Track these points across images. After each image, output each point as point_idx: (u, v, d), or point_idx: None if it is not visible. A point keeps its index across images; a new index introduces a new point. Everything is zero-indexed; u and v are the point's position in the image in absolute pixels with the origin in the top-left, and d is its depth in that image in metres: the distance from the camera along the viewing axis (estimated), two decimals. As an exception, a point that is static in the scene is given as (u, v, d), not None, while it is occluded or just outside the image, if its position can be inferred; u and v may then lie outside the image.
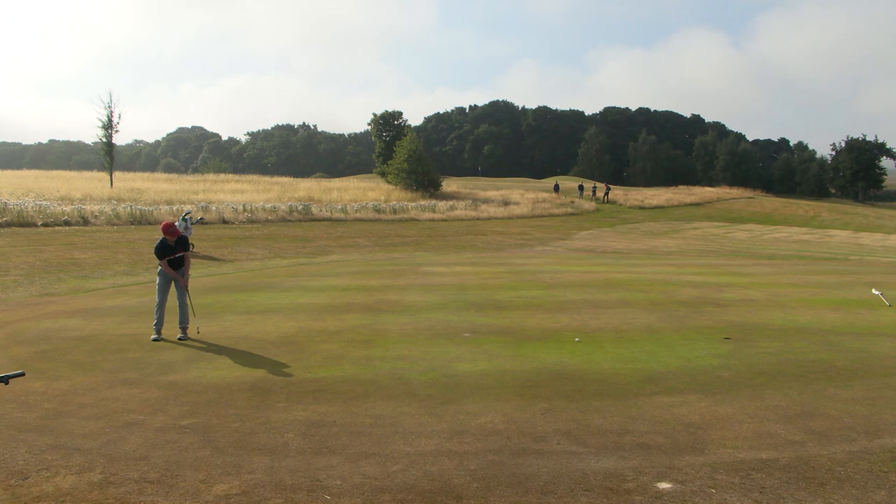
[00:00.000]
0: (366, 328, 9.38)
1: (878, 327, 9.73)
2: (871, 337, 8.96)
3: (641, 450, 4.85)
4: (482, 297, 12.30)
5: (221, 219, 29.97)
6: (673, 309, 11.17)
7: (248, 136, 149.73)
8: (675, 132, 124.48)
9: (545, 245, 28.38)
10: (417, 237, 29.67)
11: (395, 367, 7.19)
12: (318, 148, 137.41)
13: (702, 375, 6.88)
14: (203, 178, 56.53)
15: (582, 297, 12.49)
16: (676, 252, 25.95)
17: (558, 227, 37.35)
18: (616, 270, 17.62)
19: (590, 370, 7.10)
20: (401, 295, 12.63)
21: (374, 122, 60.20)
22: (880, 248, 33.23)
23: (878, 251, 30.54)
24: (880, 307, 11.62)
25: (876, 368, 7.23)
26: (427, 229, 33.22)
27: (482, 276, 16.07)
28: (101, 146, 41.56)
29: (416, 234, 31.04)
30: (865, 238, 39.75)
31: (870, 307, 11.60)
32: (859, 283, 15.34)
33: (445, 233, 32.17)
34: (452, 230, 33.34)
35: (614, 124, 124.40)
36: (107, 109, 40.37)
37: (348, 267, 18.45)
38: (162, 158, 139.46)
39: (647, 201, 53.88)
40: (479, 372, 7.01)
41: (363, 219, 35.36)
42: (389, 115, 59.84)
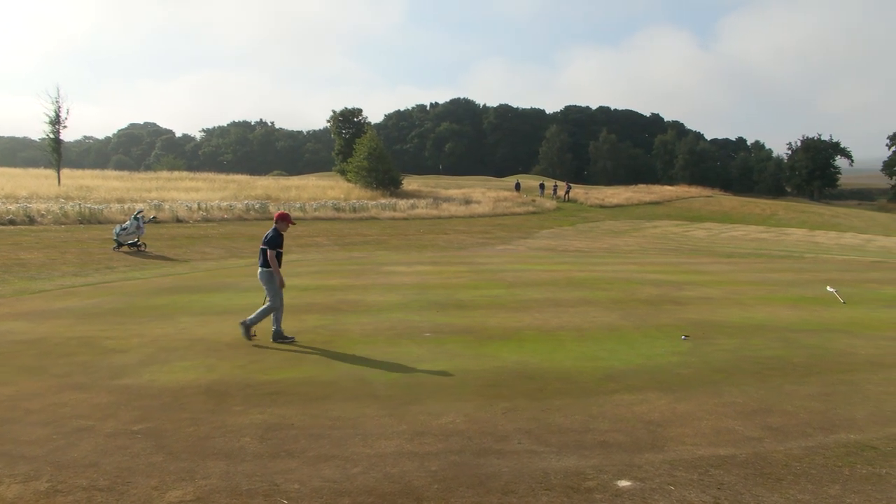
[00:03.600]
0: (325, 329, 9.29)
1: (833, 324, 10.08)
2: (826, 333, 9.27)
3: (602, 448, 4.92)
4: (444, 297, 12.31)
5: (175, 217, 29.33)
6: (634, 307, 11.37)
7: (204, 132, 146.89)
8: (635, 131, 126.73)
9: (507, 244, 28.57)
10: (378, 236, 29.53)
11: (355, 368, 7.14)
12: (276, 145, 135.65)
13: (662, 373, 7.02)
14: (156, 175, 55.18)
15: (544, 295, 12.61)
16: (637, 250, 26.42)
17: (520, 226, 37.64)
18: (577, 269, 17.86)
19: (551, 369, 7.17)
20: (361, 295, 12.56)
21: (333, 120, 59.67)
22: (835, 245, 34.42)
23: (833, 249, 31.63)
24: (835, 304, 12.04)
25: (831, 364, 7.47)
26: (388, 228, 33.08)
27: (444, 275, 16.08)
28: (48, 142, 40.08)
29: (377, 233, 30.89)
30: (821, 236, 41.14)
31: (825, 304, 12.01)
32: (815, 280, 15.86)
33: (406, 232, 32.09)
34: (414, 229, 33.27)
35: (575, 123, 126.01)
36: (54, 104, 39.01)
37: (307, 266, 18.26)
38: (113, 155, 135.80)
39: (608, 200, 54.70)
40: (441, 372, 7.02)
41: (322, 217, 35.01)
42: (349, 113, 59.40)
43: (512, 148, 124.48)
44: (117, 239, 20.32)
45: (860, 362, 7.60)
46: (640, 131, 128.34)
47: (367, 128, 56.52)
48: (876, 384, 6.66)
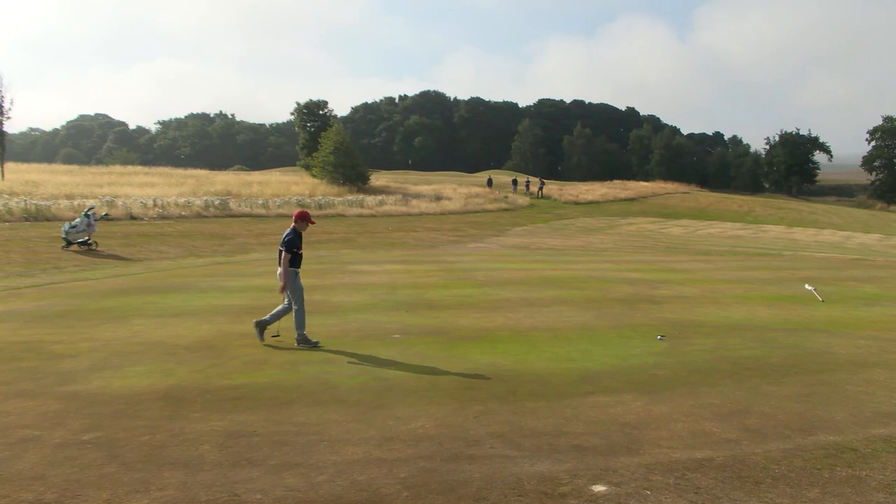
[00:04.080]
0: (290, 331, 9.18)
1: (812, 323, 10.32)
2: (804, 333, 9.49)
3: (576, 452, 4.97)
4: (413, 297, 12.30)
5: (129, 215, 28.80)
6: (608, 306, 11.50)
7: (160, 125, 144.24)
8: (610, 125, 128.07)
9: (479, 242, 28.66)
10: (345, 234, 29.38)
11: (321, 372, 7.09)
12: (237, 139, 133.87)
13: (637, 374, 7.12)
14: (108, 170, 54.11)
15: (517, 295, 12.68)
16: (612, 248, 26.72)
17: (492, 223, 37.77)
18: (551, 268, 17.99)
19: (524, 370, 7.21)
20: (327, 295, 12.49)
21: (297, 112, 59.18)
22: (814, 243, 35.24)
23: (811, 246, 32.38)
24: (813, 302, 12.33)
25: (809, 364, 7.64)
26: (355, 225, 32.92)
27: (413, 274, 16.07)
28: (-10, 135, 39.07)
29: (344, 230, 30.73)
30: (799, 233, 42.09)
31: (803, 303, 12.29)
32: (793, 278, 16.22)
33: (374, 229, 31.98)
34: (382, 226, 33.18)
35: (549, 117, 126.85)
36: (-4, 94, 38.01)
37: (270, 266, 18.06)
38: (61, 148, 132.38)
39: (583, 196, 55.22)
40: (410, 375, 7.01)
41: (286, 214, 34.55)
42: (314, 105, 58.96)
43: (484, 143, 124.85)
44: (66, 237, 19.86)
45: (839, 362, 7.78)
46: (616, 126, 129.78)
47: (333, 121, 56.20)
48: (855, 384, 6.82)
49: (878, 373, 7.33)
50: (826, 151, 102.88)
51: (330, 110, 60.12)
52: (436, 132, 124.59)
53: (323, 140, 48.92)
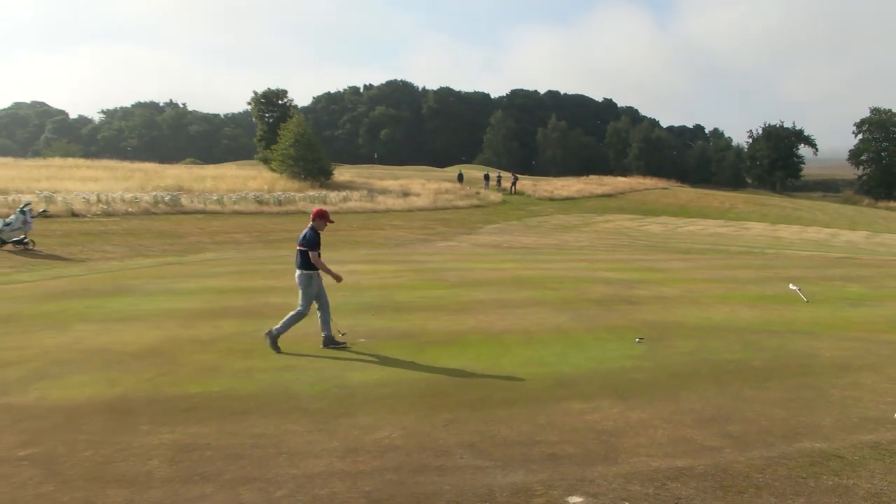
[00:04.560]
0: (246, 336, 9.12)
1: (796, 324, 10.51)
2: (788, 335, 9.65)
3: (551, 461, 4.99)
4: (379, 298, 12.27)
5: (70, 211, 28.22)
6: (584, 308, 11.60)
7: (103, 114, 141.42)
8: (587, 117, 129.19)
9: (449, 240, 28.69)
10: (306, 232, 29.12)
11: (279, 379, 7.03)
12: (189, 130, 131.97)
13: (614, 378, 7.18)
14: (46, 162, 52.94)
15: (489, 296, 12.71)
16: (588, 247, 26.97)
17: (463, 221, 37.84)
18: (525, 267, 18.09)
19: (497, 376, 7.24)
20: (287, 297, 12.33)
21: (254, 102, 58.52)
22: (798, 240, 36.01)
23: (795, 244, 33.07)
24: (798, 303, 12.57)
25: (793, 368, 7.76)
26: (317, 223, 32.61)
27: (379, 274, 16.02)
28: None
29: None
30: (783, 230, 42.95)
31: (787, 303, 12.51)
32: (776, 277, 16.52)
33: (338, 227, 31.71)
34: (346, 224, 33.00)
35: (522, 108, 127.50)
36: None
37: (225, 266, 17.87)
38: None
39: (558, 192, 55.66)
40: (376, 381, 6.99)
41: (243, 211, 34.40)
42: (272, 94, 58.38)
43: (454, 135, 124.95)
44: (0, 236, 19.39)
45: (825, 365, 7.91)
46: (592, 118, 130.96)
47: (293, 111, 55.64)
48: (842, 389, 6.93)
49: (866, 376, 7.46)
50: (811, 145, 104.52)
51: (290, 100, 59.56)
52: (403, 124, 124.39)
53: (282, 132, 48.45)
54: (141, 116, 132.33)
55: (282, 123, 50.84)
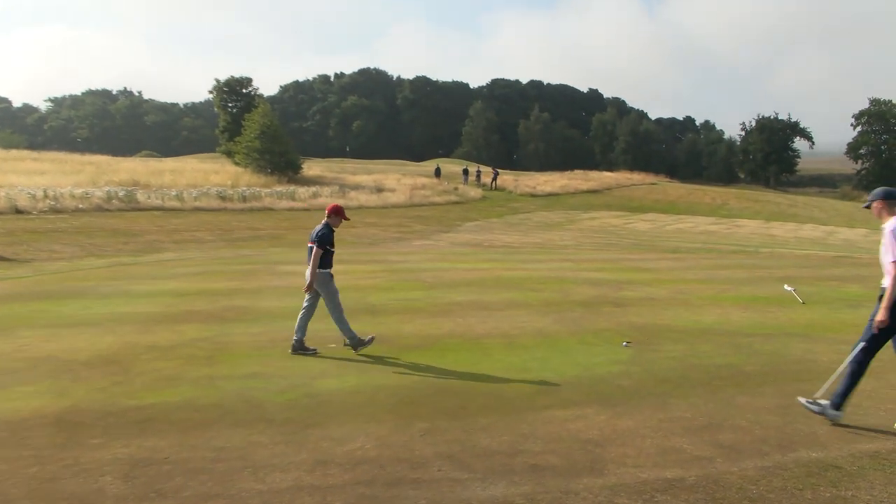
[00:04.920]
0: (208, 341, 9.04)
1: (791, 327, 10.63)
2: (782, 338, 9.77)
3: (534, 473, 5.01)
4: (352, 301, 12.20)
5: (14, 207, 27.79)
6: (569, 310, 11.65)
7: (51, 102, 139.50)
8: (571, 109, 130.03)
9: (425, 239, 28.68)
10: (273, 230, 29.00)
11: (244, 388, 6.98)
12: (146, 120, 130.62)
13: (600, 384, 7.23)
14: (-11, 155, 52.06)
15: (468, 298, 12.72)
16: (572, 246, 27.10)
17: (440, 218, 37.84)
18: (506, 267, 18.13)
19: (476, 382, 7.25)
20: (253, 300, 12.31)
21: (217, 91, 58.16)
22: (793, 239, 36.44)
23: (790, 242, 33.47)
24: (793, 304, 12.72)
25: (788, 373, 7.86)
26: (285, 220, 32.54)
27: (352, 275, 15.96)
28: None
29: (272, 226, 30.33)
30: (777, 228, 43.44)
31: (781, 305, 12.65)
32: (770, 278, 16.72)
33: (307, 224, 31.55)
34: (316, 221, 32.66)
35: (503, 99, 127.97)
36: None
37: (186, 267, 17.70)
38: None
39: (540, 188, 55.86)
40: (348, 389, 6.97)
41: (205, 208, 34.12)
42: (236, 83, 58.05)
43: (431, 127, 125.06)
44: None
45: (821, 370, 7.91)
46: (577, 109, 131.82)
47: (258, 101, 55.27)
48: (839, 395, 7.02)
49: (864, 382, 7.49)
50: (807, 138, 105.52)
51: (255, 89, 59.30)
52: (377, 115, 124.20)
53: (247, 123, 48.17)
54: (92, 105, 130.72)
55: (246, 114, 50.56)
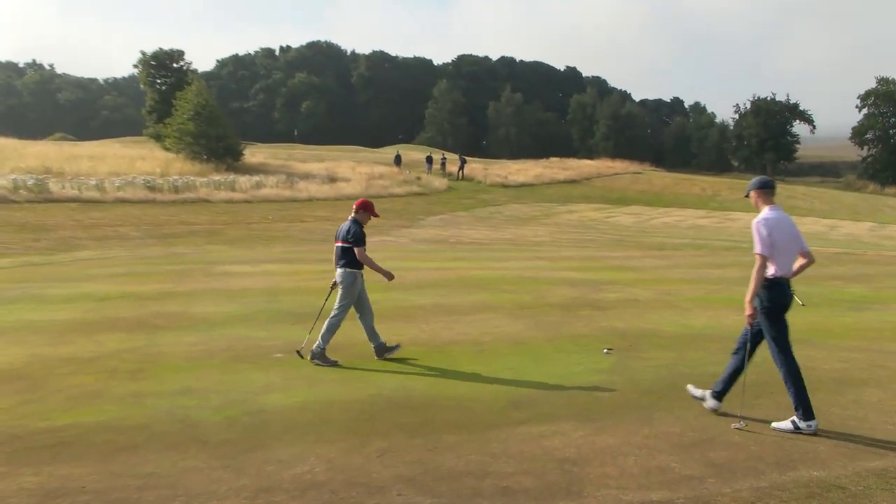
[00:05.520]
0: (134, 353, 8.92)
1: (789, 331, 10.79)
2: (779, 343, 9.92)
3: (505, 496, 5.02)
4: (301, 305, 12.16)
5: None
6: (544, 313, 11.73)
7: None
8: (547, 89, 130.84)
9: (384, 234, 28.62)
10: (210, 225, 28.72)
11: (176, 406, 6.89)
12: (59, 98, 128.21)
13: (579, 397, 7.27)
14: None
15: (431, 300, 12.74)
16: (548, 242, 27.28)
17: (401, 211, 37.81)
18: (474, 266, 18.18)
19: (441, 395, 7.25)
20: (186, 305, 12.19)
21: (143, 65, 57.32)
22: (789, 234, 36.99)
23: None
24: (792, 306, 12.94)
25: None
26: (224, 214, 32.29)
27: (301, 276, 15.90)
28: None
29: (209, 220, 30.06)
30: (772, 222, 44.07)
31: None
32: (764, 277, 16.98)
33: (250, 218, 31.42)
34: (259, 215, 32.63)
35: (471, 78, 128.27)
36: None
37: (108, 268, 17.45)
38: None
39: (513, 178, 56.15)
40: (296, 405, 6.92)
41: (130, 199, 33.78)
42: (166, 56, 57.30)
43: (390, 109, 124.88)
44: None
45: (822, 379, 8.13)
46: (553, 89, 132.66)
47: (192, 77, 54.63)
48: (842, 407, 7.14)
49: (870, 392, 7.69)
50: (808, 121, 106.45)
51: (187, 63, 58.64)
52: (328, 95, 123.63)
53: (179, 102, 47.61)
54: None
55: (178, 92, 49.92)
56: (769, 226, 6.44)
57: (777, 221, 6.49)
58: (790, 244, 6.55)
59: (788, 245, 6.53)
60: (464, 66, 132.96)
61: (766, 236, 6.41)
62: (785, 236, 6.48)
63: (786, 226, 6.53)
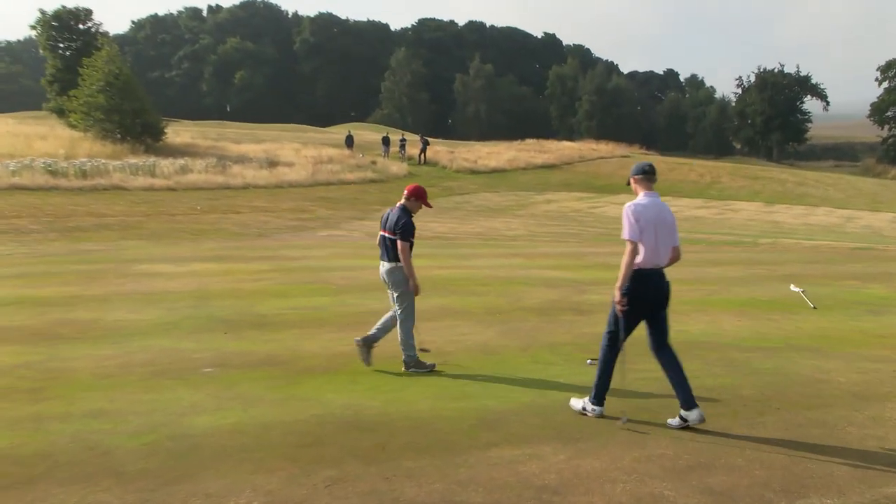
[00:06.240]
0: (33, 368, 8.82)
1: (798, 338, 10.93)
2: (787, 353, 10.03)
3: (475, 530, 5.03)
4: (235, 311, 12.11)
5: None
6: (519, 319, 11.77)
7: None
8: (522, 59, 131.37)
9: (334, 228, 28.54)
10: (126, 217, 28.43)
11: (85, 430, 6.79)
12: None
13: (559, 414, 7.31)
14: None
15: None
16: (524, 236, 27.38)
17: (353, 201, 37.75)
18: (438, 264, 18.18)
19: (399, 414, 7.24)
20: (97, 311, 12.08)
21: (42, 26, 56.47)
22: (802, 226, 37.53)
23: (798, 231, 34.50)
24: (802, 310, 13.10)
25: (794, 397, 8.03)
26: (142, 204, 32.03)
27: (235, 277, 15.81)
28: None
29: (124, 211, 29.78)
30: (782, 213, 44.72)
31: (787, 310, 13.03)
32: (773, 276, 17.21)
33: (174, 209, 31.15)
34: (185, 205, 32.37)
35: (434, 46, 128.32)
36: None
37: (1, 267, 17.20)
38: None
39: (483, 162, 56.27)
40: (228, 428, 6.86)
41: (27, 186, 33.47)
42: (70, 15, 56.56)
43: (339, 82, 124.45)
44: None
45: (837, 394, 8.22)
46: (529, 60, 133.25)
47: (102, 41, 53.95)
48: (860, 426, 7.19)
49: (892, 408, 7.74)
50: (821, 97, 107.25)
51: (97, 24, 58.04)
52: (267, 64, 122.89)
53: (86, 71, 46.97)
54: None
55: (85, 59, 49.24)
56: (637, 212, 6.96)
57: (647, 208, 6.99)
58: (661, 234, 7.03)
59: (657, 235, 7.00)
60: (425, 31, 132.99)
61: (634, 222, 6.94)
62: (652, 225, 6.96)
63: (657, 214, 7.02)
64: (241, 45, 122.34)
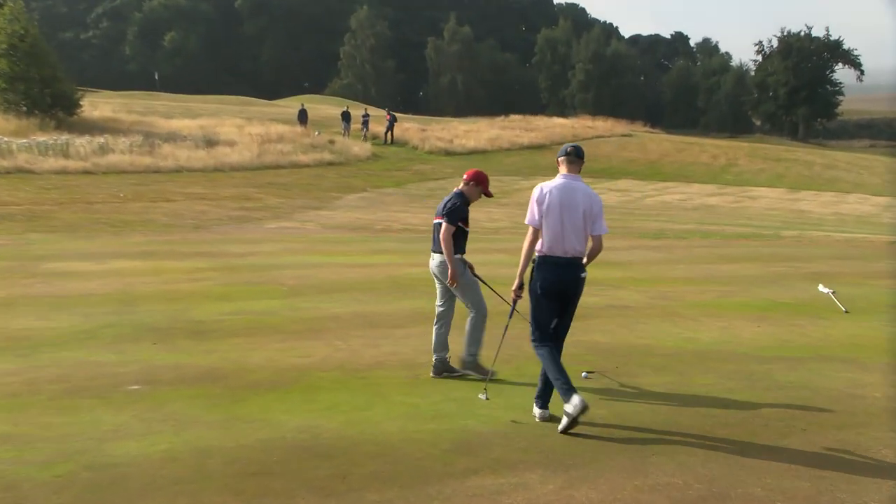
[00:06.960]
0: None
1: (826, 347, 11.02)
2: (814, 364, 10.10)
3: (450, 572, 5.06)
4: (166, 317, 12.05)
5: None
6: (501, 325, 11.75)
7: None
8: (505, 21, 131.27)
9: (284, 219, 28.47)
10: (34, 205, 28.22)
11: (-13, 458, 6.76)
12: None
13: (548, 437, 7.33)
14: None
15: (349, 308, 12.78)
16: (508, 228, 27.41)
17: (308, 187, 37.66)
18: (408, 262, 18.18)
19: (361, 438, 7.23)
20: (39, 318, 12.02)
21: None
22: (832, 216, 37.70)
23: (828, 222, 34.69)
24: (831, 314, 13.20)
25: (823, 416, 8.09)
26: (53, 190, 31.85)
27: (166, 277, 15.73)
28: None
29: (32, 198, 29.60)
30: (808, 200, 44.92)
31: (814, 314, 13.13)
32: (797, 275, 17.34)
33: (92, 197, 30.93)
34: (105, 192, 32.16)
35: (402, 4, 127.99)
36: None
37: None
38: None
39: (459, 142, 56.27)
40: (160, 455, 6.83)
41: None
42: (-35, -35, 55.94)
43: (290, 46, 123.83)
44: None
45: (873, 412, 8.28)
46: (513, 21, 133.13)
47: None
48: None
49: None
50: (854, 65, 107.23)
51: (-3, -25, 57.34)
52: (202, 25, 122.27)
53: (-16, 33, 46.57)
54: None
55: (-19, 17, 48.85)
56: (541, 194, 7.43)
57: (555, 191, 7.32)
58: (567, 219, 7.27)
59: (563, 220, 7.27)
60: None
61: (535, 206, 7.44)
62: (559, 209, 7.25)
63: (565, 197, 7.30)
64: (170, 1, 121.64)
